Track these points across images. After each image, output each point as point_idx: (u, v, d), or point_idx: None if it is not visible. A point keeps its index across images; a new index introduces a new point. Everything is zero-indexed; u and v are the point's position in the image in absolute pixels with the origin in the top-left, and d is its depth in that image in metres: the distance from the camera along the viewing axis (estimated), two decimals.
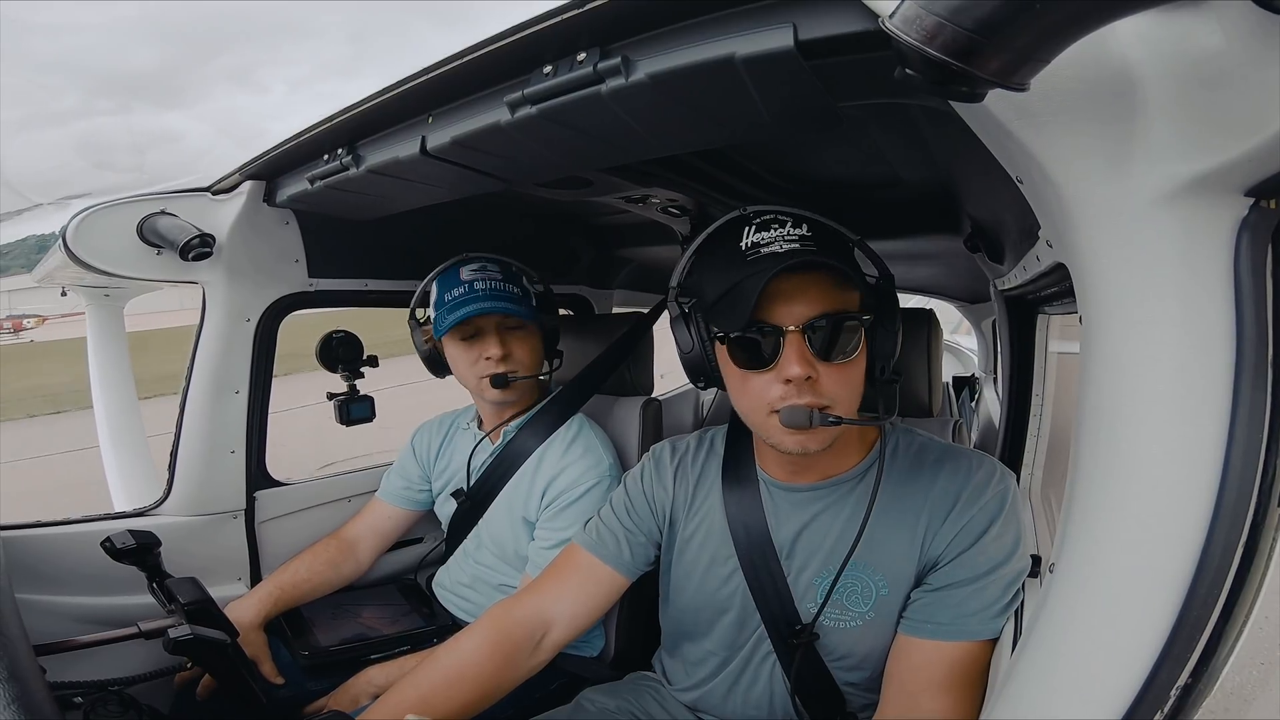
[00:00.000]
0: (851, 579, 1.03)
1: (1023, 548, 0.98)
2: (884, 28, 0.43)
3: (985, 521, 0.97)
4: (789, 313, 0.93)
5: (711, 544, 1.14)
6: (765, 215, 0.97)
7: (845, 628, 1.03)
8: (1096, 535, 0.57)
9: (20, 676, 0.60)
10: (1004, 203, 1.00)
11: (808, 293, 0.93)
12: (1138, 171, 0.49)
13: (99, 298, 2.44)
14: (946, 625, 0.95)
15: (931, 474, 1.03)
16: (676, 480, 1.21)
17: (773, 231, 0.94)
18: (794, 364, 0.91)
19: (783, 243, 0.93)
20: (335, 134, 1.12)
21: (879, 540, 1.02)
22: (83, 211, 1.33)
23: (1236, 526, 0.51)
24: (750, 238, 0.95)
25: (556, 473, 1.47)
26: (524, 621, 1.14)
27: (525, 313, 1.47)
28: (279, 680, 1.40)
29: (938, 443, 1.08)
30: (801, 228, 0.95)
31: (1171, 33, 0.45)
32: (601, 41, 0.73)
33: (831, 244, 0.96)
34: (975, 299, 3.62)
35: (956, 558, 0.98)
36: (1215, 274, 0.50)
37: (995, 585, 0.95)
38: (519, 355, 1.48)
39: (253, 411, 1.57)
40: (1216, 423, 0.51)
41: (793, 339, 0.92)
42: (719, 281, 0.96)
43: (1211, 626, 0.53)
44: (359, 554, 1.67)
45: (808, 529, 1.07)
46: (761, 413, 0.97)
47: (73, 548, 1.35)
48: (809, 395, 0.93)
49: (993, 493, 0.99)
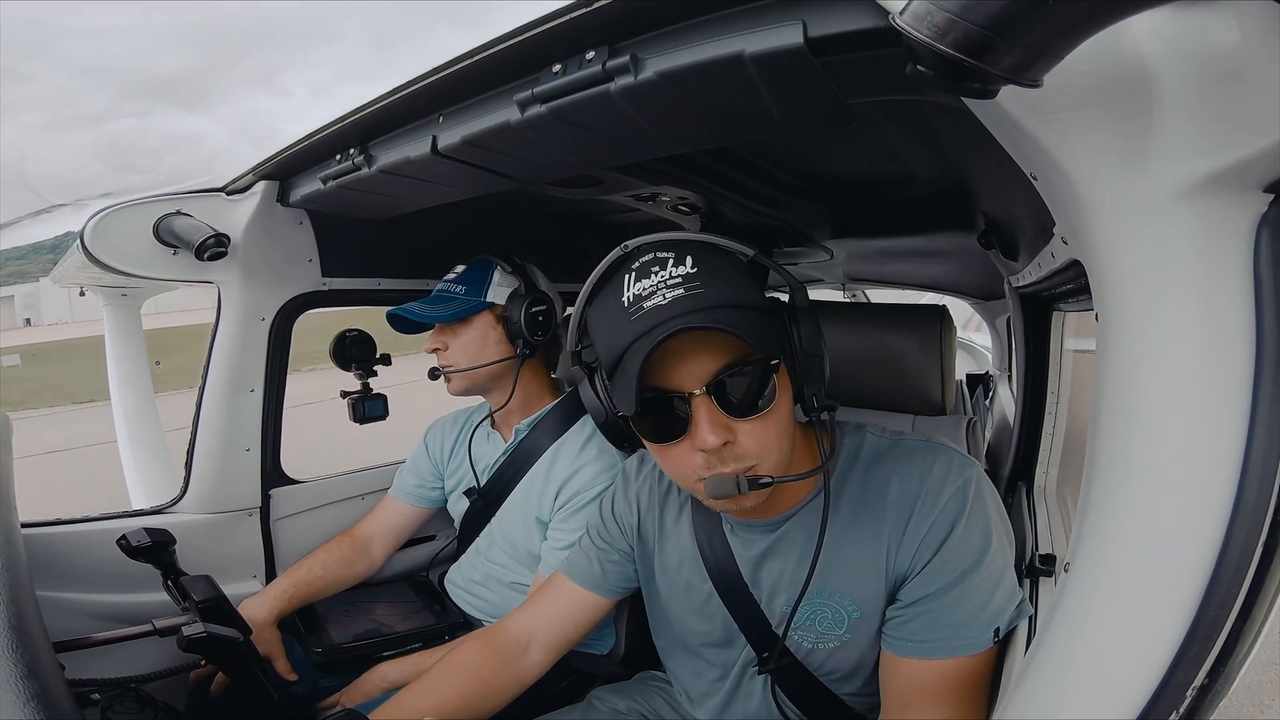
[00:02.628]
0: (820, 605, 0.98)
1: (997, 544, 0.91)
2: (894, 24, 0.42)
3: (947, 524, 0.90)
4: (689, 374, 0.84)
5: (686, 569, 1.12)
6: (645, 257, 0.88)
7: (826, 648, 1.00)
8: (1113, 534, 0.57)
9: (40, 673, 0.61)
10: (1018, 199, 0.99)
11: (707, 345, 0.84)
12: (1154, 168, 0.49)
13: (116, 297, 2.47)
14: (927, 643, 0.89)
15: (884, 481, 0.95)
16: (640, 498, 1.20)
17: (653, 278, 0.85)
18: (706, 433, 0.83)
19: (664, 291, 0.83)
20: (347, 134, 1.12)
21: (840, 564, 0.96)
22: (100, 212, 1.34)
23: (1256, 525, 0.51)
24: (631, 289, 0.86)
25: (570, 474, 1.48)
26: (511, 629, 1.20)
27: (437, 315, 1.48)
28: (293, 677, 1.42)
29: (888, 440, 1.01)
30: (685, 264, 0.85)
31: (1187, 28, 0.45)
32: (610, 40, 0.73)
33: (722, 273, 0.87)
34: (989, 296, 3.58)
35: (923, 569, 0.91)
36: (1234, 271, 0.50)
37: (972, 592, 0.88)
38: (452, 351, 1.52)
39: (268, 410, 1.58)
40: (1236, 421, 0.51)
41: (699, 404, 0.84)
42: (608, 347, 0.88)
43: (1229, 626, 0.52)
44: (372, 551, 1.69)
45: (767, 560, 1.04)
46: (689, 481, 0.90)
47: (91, 545, 1.37)
48: (731, 462, 0.85)
49: (950, 490, 0.91)
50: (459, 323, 1.51)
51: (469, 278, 1.53)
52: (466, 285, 1.52)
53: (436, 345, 1.53)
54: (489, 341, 1.52)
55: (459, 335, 1.51)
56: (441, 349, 1.53)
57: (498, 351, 1.52)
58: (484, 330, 1.52)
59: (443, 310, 1.49)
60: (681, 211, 1.71)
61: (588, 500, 1.45)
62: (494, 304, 1.52)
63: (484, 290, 1.51)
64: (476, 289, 1.51)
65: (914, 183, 1.48)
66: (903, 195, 1.57)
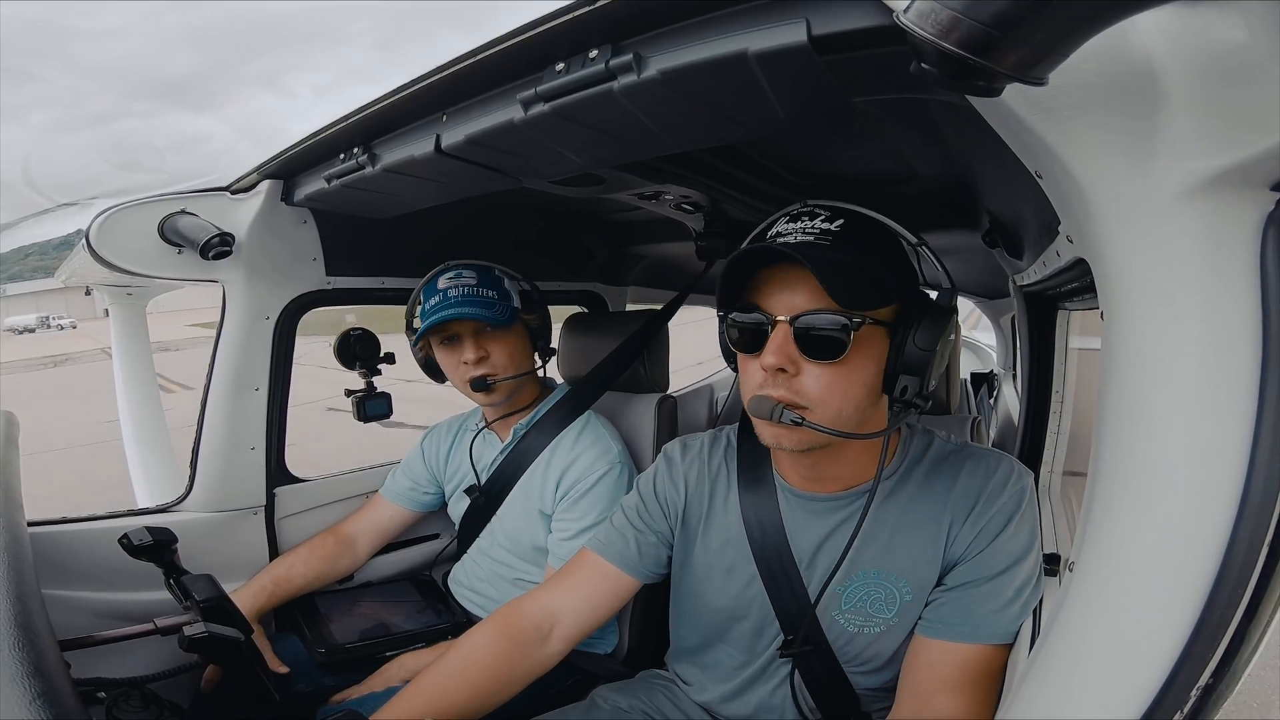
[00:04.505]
0: (875, 586, 1.02)
1: (1037, 547, 0.97)
2: (899, 22, 0.42)
3: (1003, 520, 0.97)
4: (781, 302, 0.92)
5: (729, 549, 1.13)
6: (810, 207, 0.96)
7: (870, 633, 1.03)
8: (1117, 533, 0.57)
9: (45, 672, 0.61)
10: (1023, 197, 0.99)
11: (807, 287, 0.90)
12: (1160, 166, 0.49)
13: (122, 296, 2.47)
14: (958, 626, 0.95)
15: (951, 476, 1.02)
16: (689, 480, 1.20)
17: (798, 223, 0.93)
18: (770, 353, 0.90)
19: (799, 235, 0.92)
20: (351, 133, 1.12)
21: (901, 546, 1.01)
22: (105, 211, 1.35)
23: (1262, 525, 0.51)
24: (779, 225, 0.95)
25: (569, 463, 1.49)
26: (530, 614, 1.15)
27: (493, 316, 1.46)
28: (283, 669, 1.42)
29: (955, 443, 1.08)
30: (834, 223, 0.92)
31: (1193, 26, 0.44)
32: (614, 39, 0.73)
33: (861, 243, 0.92)
34: (994, 294, 3.58)
35: (975, 557, 0.97)
36: (1240, 269, 0.50)
37: (1008, 583, 0.95)
38: (496, 358, 1.49)
39: (272, 408, 1.59)
40: (1241, 419, 0.51)
41: (779, 329, 0.91)
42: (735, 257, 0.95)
43: (1234, 626, 0.52)
44: (357, 549, 1.69)
45: (829, 540, 1.06)
46: (746, 397, 0.97)
47: (96, 544, 1.38)
48: (782, 389, 0.91)
49: (1010, 491, 0.98)
50: (503, 329, 1.49)
51: (490, 283, 1.50)
52: (497, 292, 1.49)
53: (481, 353, 1.48)
54: (525, 350, 1.54)
55: (502, 342, 1.49)
56: (485, 356, 1.49)
57: (530, 360, 1.54)
58: (523, 338, 1.53)
59: (492, 313, 1.46)
60: (685, 210, 1.71)
61: (588, 488, 1.46)
62: (522, 312, 1.53)
63: (513, 298, 1.52)
64: (508, 297, 1.51)
65: (918, 181, 1.48)
66: (906, 193, 1.56)
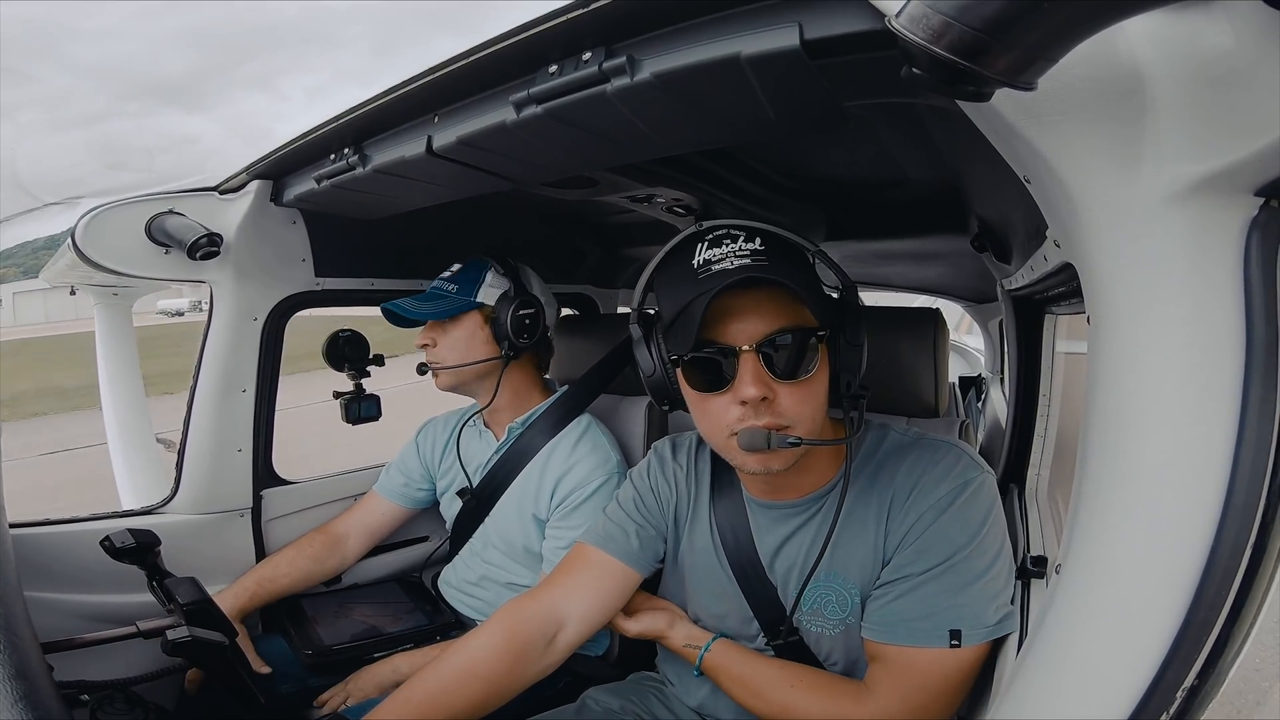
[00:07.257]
0: (826, 589, 1.03)
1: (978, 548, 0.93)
2: (890, 26, 0.43)
3: (933, 518, 0.94)
4: (741, 331, 0.92)
5: (708, 553, 1.15)
6: (718, 230, 0.95)
7: (831, 634, 1.04)
8: (1104, 536, 0.57)
9: (28, 674, 0.60)
10: (1011, 202, 0.99)
11: (760, 309, 0.91)
12: (1147, 171, 0.49)
13: (107, 297, 2.45)
14: (880, 627, 0.95)
15: (893, 471, 1.00)
16: (678, 479, 1.21)
17: (724, 247, 0.92)
18: (749, 385, 0.89)
19: (733, 259, 0.91)
20: (342, 134, 1.12)
21: (845, 546, 1.01)
22: (92, 211, 1.33)
23: (1245, 528, 0.51)
24: (701, 255, 0.93)
25: (566, 470, 1.49)
26: (536, 619, 1.11)
27: (425, 311, 1.50)
28: (265, 669, 1.40)
29: (910, 437, 1.06)
30: (754, 241, 0.92)
31: (1181, 32, 0.45)
32: (606, 41, 0.73)
33: (787, 257, 0.94)
34: (982, 299, 3.60)
35: (899, 557, 0.95)
36: (1225, 274, 0.50)
37: (933, 588, 0.92)
38: (440, 347, 1.54)
39: (259, 410, 1.57)
40: (1225, 423, 0.51)
41: (747, 359, 0.91)
42: (673, 301, 0.95)
43: (1219, 628, 0.53)
44: (346, 549, 1.67)
45: (786, 545, 1.08)
46: (721, 435, 0.96)
47: (80, 546, 1.36)
48: (766, 416, 0.91)
49: (948, 487, 0.95)
50: (448, 321, 1.53)
51: (462, 277, 1.54)
52: (459, 284, 1.53)
53: (426, 341, 1.55)
54: (476, 341, 1.53)
55: (448, 333, 1.53)
56: (430, 345, 1.55)
57: (484, 351, 1.53)
58: (472, 330, 1.53)
59: (431, 308, 1.50)
60: (677, 213, 1.72)
61: (585, 496, 1.45)
62: (483, 304, 1.53)
63: (475, 290, 1.52)
64: (468, 289, 1.52)
65: (908, 185, 1.49)
66: (896, 198, 1.58)
